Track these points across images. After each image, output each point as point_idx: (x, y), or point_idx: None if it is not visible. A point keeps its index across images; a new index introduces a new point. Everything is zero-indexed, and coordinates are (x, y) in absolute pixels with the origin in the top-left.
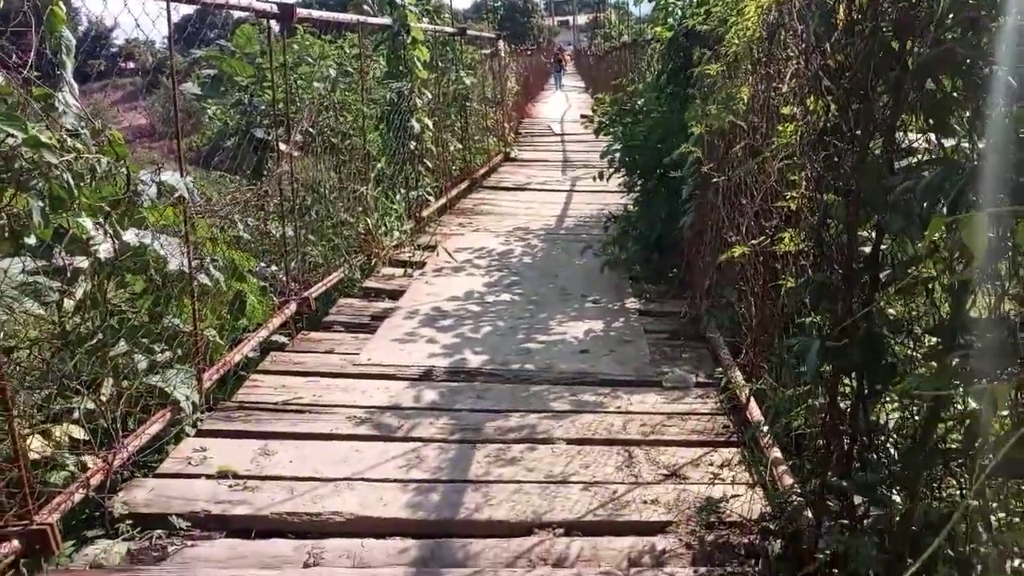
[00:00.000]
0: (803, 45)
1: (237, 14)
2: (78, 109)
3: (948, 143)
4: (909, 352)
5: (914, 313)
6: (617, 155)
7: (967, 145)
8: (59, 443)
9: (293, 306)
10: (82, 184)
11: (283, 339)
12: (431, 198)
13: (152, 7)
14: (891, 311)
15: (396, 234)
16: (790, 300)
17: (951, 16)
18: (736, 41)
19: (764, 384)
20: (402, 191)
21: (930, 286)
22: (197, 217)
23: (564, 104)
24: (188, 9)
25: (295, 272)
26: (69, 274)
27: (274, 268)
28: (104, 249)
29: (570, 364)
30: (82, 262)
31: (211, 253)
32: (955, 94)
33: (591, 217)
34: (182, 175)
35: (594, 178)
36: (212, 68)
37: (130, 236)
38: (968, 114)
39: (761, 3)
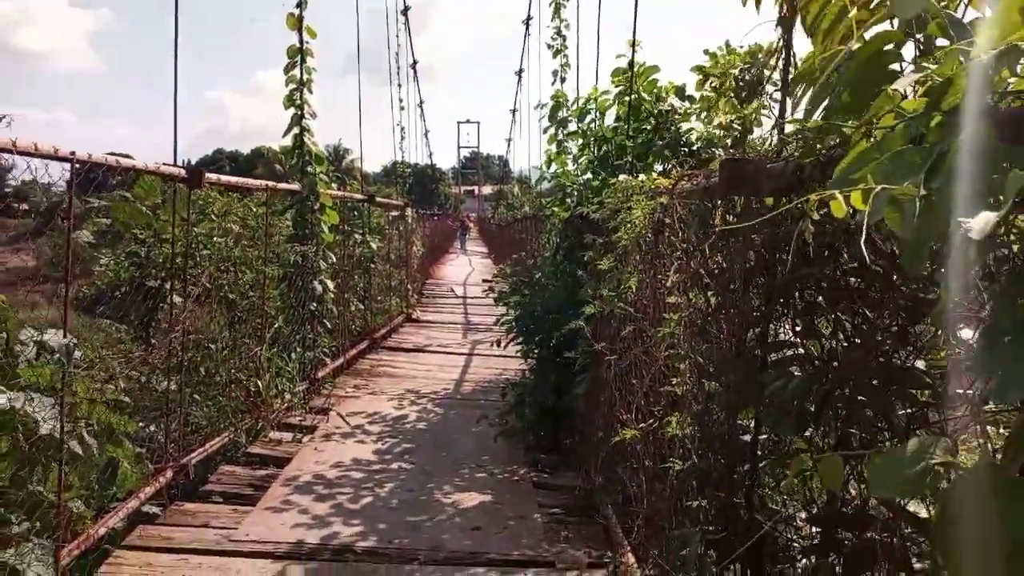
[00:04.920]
0: (685, 245)
1: None
2: None
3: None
4: (790, 542)
5: (794, 502)
6: (513, 324)
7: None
8: None
9: (169, 474)
10: None
11: (155, 509)
12: (327, 359)
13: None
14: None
15: (288, 396)
16: (677, 484)
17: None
18: (625, 237)
19: (654, 571)
20: (298, 350)
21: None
22: (77, 378)
23: (468, 268)
24: None
25: (175, 434)
26: None
27: (153, 428)
28: None
29: (461, 542)
30: None
31: (87, 415)
32: (820, 301)
33: (490, 382)
34: (66, 334)
35: (491, 344)
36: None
37: (1, 399)
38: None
39: (646, 207)
